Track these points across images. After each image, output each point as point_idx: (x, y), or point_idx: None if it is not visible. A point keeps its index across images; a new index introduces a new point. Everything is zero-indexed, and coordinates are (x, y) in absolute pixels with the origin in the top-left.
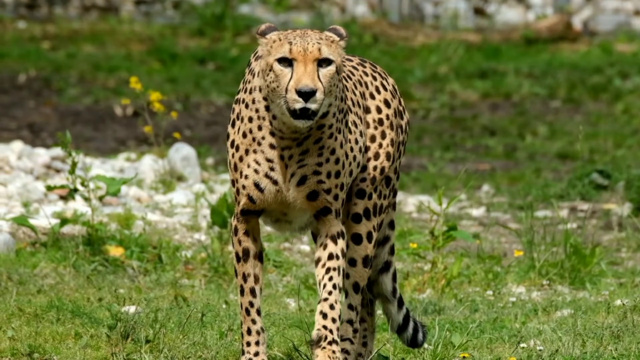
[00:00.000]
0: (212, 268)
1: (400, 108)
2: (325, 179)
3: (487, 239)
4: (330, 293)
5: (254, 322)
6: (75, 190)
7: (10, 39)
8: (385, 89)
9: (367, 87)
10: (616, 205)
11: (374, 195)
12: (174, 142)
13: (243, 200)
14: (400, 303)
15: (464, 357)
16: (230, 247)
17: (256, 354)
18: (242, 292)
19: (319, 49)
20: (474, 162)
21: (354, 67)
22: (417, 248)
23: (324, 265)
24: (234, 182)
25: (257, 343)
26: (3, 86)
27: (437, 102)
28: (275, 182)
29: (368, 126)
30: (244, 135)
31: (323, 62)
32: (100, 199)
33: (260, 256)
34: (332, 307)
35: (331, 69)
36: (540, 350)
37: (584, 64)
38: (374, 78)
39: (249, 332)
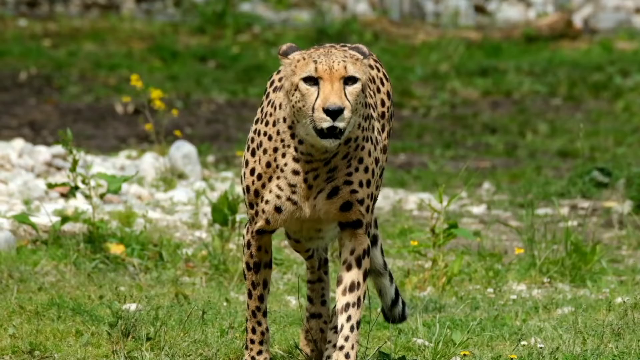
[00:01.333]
0: (213, 266)
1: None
2: (358, 187)
3: (488, 236)
4: (347, 339)
5: (259, 324)
6: (76, 188)
7: (11, 37)
8: (387, 80)
9: (374, 81)
10: (617, 203)
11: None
12: (175, 140)
13: (260, 222)
14: (391, 276)
15: (464, 354)
16: (231, 244)
17: (259, 352)
18: (249, 296)
19: (345, 67)
20: (475, 159)
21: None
22: (418, 246)
23: (344, 293)
24: (252, 205)
25: (261, 342)
26: (4, 84)
27: (438, 100)
28: (295, 203)
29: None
30: (268, 165)
31: (349, 80)
32: (101, 196)
33: (270, 264)
34: (347, 356)
35: (357, 86)
36: (540, 347)
37: (585, 61)
38: (378, 69)
39: (253, 330)
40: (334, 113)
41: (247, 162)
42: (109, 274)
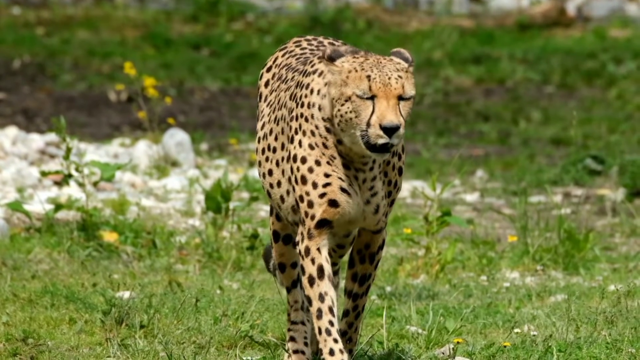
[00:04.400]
0: (207, 253)
1: None
2: (388, 200)
3: (481, 224)
4: (350, 325)
5: (336, 341)
6: (70, 175)
7: (4, 25)
8: None
9: None
10: (610, 190)
11: None
12: (168, 128)
13: (320, 211)
14: None
15: (457, 342)
16: (224, 232)
17: None
18: (319, 315)
19: (403, 86)
20: (468, 147)
21: None
22: (411, 233)
23: (354, 280)
24: (302, 197)
25: None
26: None
27: (431, 88)
28: (349, 196)
29: None
30: (311, 147)
31: (403, 96)
32: (95, 184)
33: (333, 274)
34: (349, 340)
35: (410, 103)
36: (534, 335)
37: (578, 49)
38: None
39: (331, 353)
40: (391, 131)
41: (289, 154)
42: (102, 262)
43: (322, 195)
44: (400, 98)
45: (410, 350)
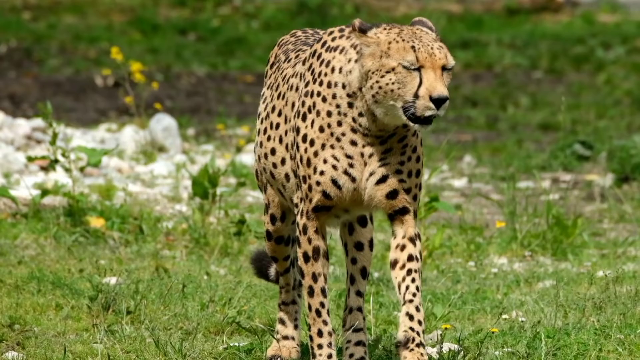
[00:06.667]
0: (193, 239)
1: None
2: (406, 177)
3: (469, 210)
4: (414, 295)
5: (325, 323)
6: (56, 161)
7: None
8: None
9: None
10: (598, 176)
11: None
12: (155, 113)
13: (317, 197)
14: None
15: (445, 328)
16: (211, 218)
17: (329, 355)
18: (311, 293)
19: (445, 56)
20: (456, 132)
21: None
22: None
23: (403, 266)
24: (305, 178)
25: (329, 345)
26: None
27: None
28: (353, 180)
29: None
30: (321, 130)
31: (445, 68)
32: (81, 169)
33: (327, 255)
34: (417, 309)
35: (451, 73)
36: (522, 321)
37: (567, 34)
38: None
39: (319, 334)
40: (440, 102)
41: (298, 130)
42: (89, 248)
43: (318, 183)
44: (444, 68)
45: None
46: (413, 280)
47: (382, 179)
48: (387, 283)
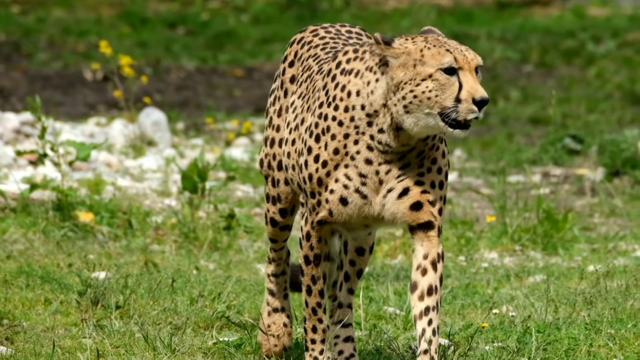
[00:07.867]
0: (183, 234)
1: None
2: (429, 188)
3: (460, 204)
4: (430, 342)
5: (320, 321)
6: (45, 155)
7: None
8: None
9: None
10: (589, 170)
11: None
12: (144, 107)
13: (323, 213)
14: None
15: None
16: (201, 212)
17: (322, 351)
18: (309, 292)
19: (476, 56)
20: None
21: None
22: None
23: (422, 298)
24: (314, 194)
25: (322, 341)
26: None
27: None
28: (364, 197)
29: None
30: (335, 152)
31: (477, 70)
32: (70, 164)
33: (328, 256)
34: (432, 359)
35: (480, 76)
36: (512, 316)
37: (557, 28)
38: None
39: (314, 329)
40: (483, 104)
41: (310, 149)
42: (78, 242)
43: (327, 201)
44: (476, 70)
45: (388, 331)
46: (430, 322)
47: (404, 192)
48: (377, 277)
